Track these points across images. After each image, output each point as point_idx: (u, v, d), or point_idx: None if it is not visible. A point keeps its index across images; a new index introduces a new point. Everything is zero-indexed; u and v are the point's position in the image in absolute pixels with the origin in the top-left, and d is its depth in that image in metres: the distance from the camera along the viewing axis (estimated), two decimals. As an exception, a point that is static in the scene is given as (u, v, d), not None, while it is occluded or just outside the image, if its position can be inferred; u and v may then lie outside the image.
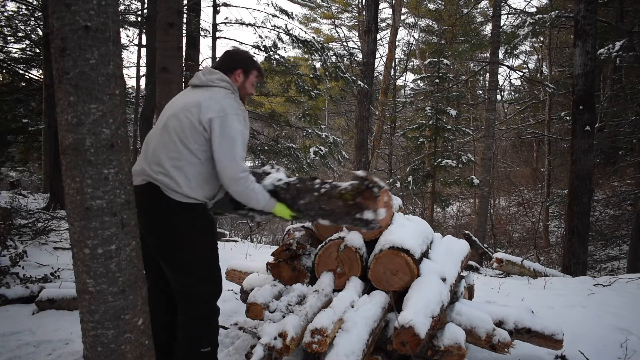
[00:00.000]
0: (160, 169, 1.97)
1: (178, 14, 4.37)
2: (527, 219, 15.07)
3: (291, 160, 9.53)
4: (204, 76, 2.11)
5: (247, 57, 2.25)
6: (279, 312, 2.38)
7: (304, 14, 22.36)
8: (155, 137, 2.07)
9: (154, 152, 2.02)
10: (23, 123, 12.52)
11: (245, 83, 2.19)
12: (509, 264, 5.75)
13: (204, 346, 2.10)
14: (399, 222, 2.71)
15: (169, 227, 1.98)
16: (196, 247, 2.06)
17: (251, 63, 2.22)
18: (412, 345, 1.94)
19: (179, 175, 1.96)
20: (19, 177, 15.76)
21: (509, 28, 12.68)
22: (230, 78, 2.13)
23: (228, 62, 2.19)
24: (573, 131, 6.92)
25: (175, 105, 2.09)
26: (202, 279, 2.10)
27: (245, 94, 2.22)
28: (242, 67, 2.18)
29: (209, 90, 2.06)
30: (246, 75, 2.19)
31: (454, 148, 14.04)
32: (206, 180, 2.01)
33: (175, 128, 1.98)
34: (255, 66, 2.23)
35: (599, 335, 2.91)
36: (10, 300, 3.45)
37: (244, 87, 2.20)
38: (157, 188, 1.95)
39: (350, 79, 8.99)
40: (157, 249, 2.04)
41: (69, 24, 1.39)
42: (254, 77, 2.23)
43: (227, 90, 2.08)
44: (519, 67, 20.54)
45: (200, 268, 2.09)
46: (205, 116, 1.95)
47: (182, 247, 2.04)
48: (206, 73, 2.12)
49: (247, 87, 2.21)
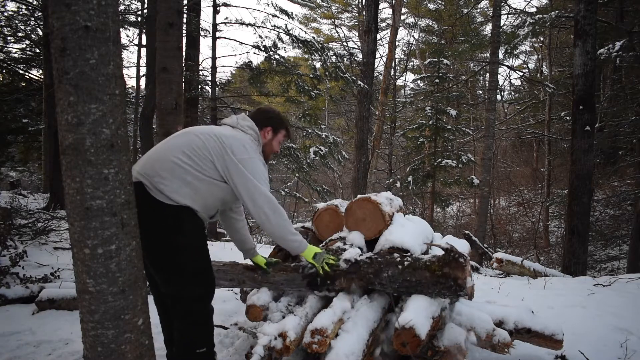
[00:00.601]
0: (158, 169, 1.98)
1: (178, 14, 4.37)
2: (527, 219, 15.06)
3: (291, 160, 9.53)
4: (238, 120, 2.26)
5: (279, 118, 2.39)
6: (278, 312, 2.38)
7: (304, 14, 22.39)
8: (161, 145, 2.12)
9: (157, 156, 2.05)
10: (23, 123, 12.52)
11: (272, 141, 2.34)
12: (509, 264, 5.74)
13: (199, 347, 2.11)
14: (399, 222, 2.71)
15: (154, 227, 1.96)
16: (182, 249, 2.04)
17: (281, 124, 2.37)
18: (412, 346, 1.94)
19: (172, 178, 1.98)
20: (19, 177, 15.76)
21: (509, 28, 12.67)
22: (260, 132, 2.28)
23: (261, 118, 2.33)
24: (573, 131, 6.92)
25: (200, 129, 2.17)
26: (189, 281, 2.08)
27: (271, 150, 2.36)
28: (272, 126, 2.33)
29: (236, 131, 2.19)
30: (275, 133, 2.34)
31: (454, 148, 14.03)
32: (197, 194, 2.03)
33: (189, 141, 2.06)
34: (285, 127, 2.39)
35: (599, 335, 2.91)
36: (10, 300, 3.46)
37: (271, 145, 2.34)
38: (142, 185, 1.95)
39: (350, 79, 8.99)
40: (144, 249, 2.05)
41: (69, 24, 1.39)
42: (281, 136, 2.38)
43: (252, 138, 2.22)
44: (519, 67, 20.56)
45: (187, 271, 2.07)
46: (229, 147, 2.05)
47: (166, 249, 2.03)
48: (240, 119, 2.27)
49: (273, 145, 2.35)
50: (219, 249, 5.97)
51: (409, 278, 2.19)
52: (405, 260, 2.23)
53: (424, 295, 2.19)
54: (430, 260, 2.20)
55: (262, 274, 2.51)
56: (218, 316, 3.24)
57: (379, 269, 2.25)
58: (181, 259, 2.03)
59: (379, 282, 2.25)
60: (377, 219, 2.65)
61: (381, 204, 2.67)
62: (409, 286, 2.20)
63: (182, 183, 1.98)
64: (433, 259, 2.20)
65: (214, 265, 2.51)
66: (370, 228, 2.67)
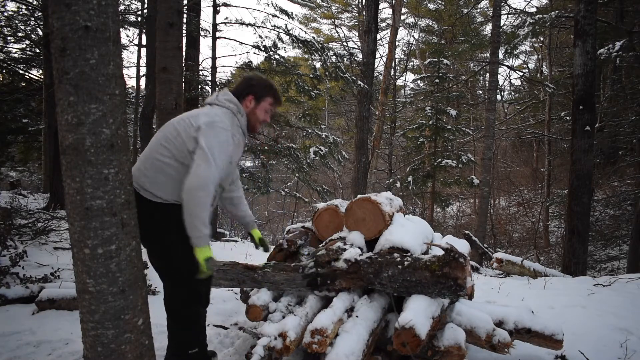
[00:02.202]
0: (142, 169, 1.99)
1: (178, 14, 4.37)
2: (527, 219, 15.06)
3: (291, 160, 9.52)
4: (217, 96, 2.15)
5: (262, 84, 2.23)
6: (278, 312, 2.38)
7: (304, 14, 22.37)
8: (149, 144, 2.11)
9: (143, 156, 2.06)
10: (23, 123, 12.51)
11: (256, 109, 2.18)
12: (509, 264, 5.74)
13: (191, 347, 2.13)
14: (399, 222, 2.71)
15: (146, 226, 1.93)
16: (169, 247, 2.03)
17: (265, 90, 2.20)
18: (412, 346, 1.94)
19: (155, 175, 1.97)
20: (19, 177, 15.75)
21: (509, 28, 12.68)
22: (242, 103, 2.15)
23: (242, 87, 2.20)
24: (573, 131, 6.92)
25: (178, 116, 2.12)
26: (176, 282, 2.09)
27: (257, 120, 2.19)
28: (254, 93, 2.17)
29: (212, 108, 2.09)
30: (258, 101, 2.17)
31: (454, 148, 14.02)
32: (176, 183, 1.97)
33: (166, 132, 2.02)
34: (270, 93, 2.21)
35: (599, 335, 2.91)
36: (10, 300, 3.45)
37: (255, 114, 2.18)
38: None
39: (350, 79, 8.99)
40: None
41: (69, 24, 1.39)
42: (267, 104, 2.20)
43: (228, 110, 2.10)
44: (519, 67, 20.55)
45: (173, 271, 2.08)
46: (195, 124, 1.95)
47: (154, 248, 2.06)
48: (220, 94, 2.16)
49: (258, 114, 2.18)
50: (219, 249, 5.97)
51: (409, 278, 2.20)
52: (405, 260, 2.24)
53: (424, 295, 2.19)
54: (430, 260, 2.20)
55: (262, 274, 2.51)
56: (218, 316, 3.26)
57: (379, 269, 2.26)
58: (169, 257, 2.04)
59: (379, 282, 2.26)
60: (377, 219, 2.65)
61: (381, 204, 2.67)
62: (409, 286, 2.20)
63: (167, 177, 1.96)
64: (433, 259, 2.20)
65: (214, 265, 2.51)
66: (370, 228, 2.67)
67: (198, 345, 2.15)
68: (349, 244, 2.55)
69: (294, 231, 3.11)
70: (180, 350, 2.13)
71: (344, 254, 2.37)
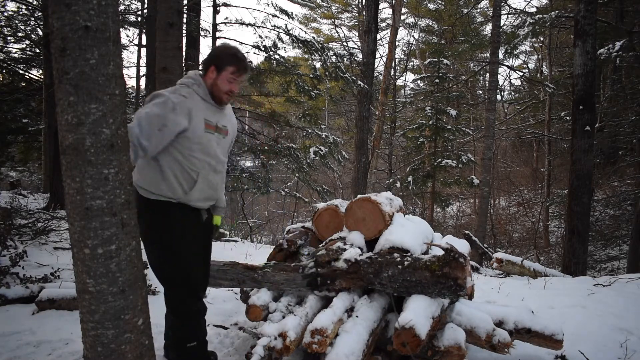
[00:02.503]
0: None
1: (178, 14, 4.37)
2: (527, 219, 15.06)
3: (291, 160, 9.52)
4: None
5: (224, 53, 2.13)
6: (278, 312, 2.38)
7: (304, 14, 22.38)
8: None
9: None
10: (23, 123, 12.50)
11: (217, 80, 2.09)
12: (509, 264, 5.74)
13: (189, 341, 2.15)
14: (399, 222, 2.71)
15: None
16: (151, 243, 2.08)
17: (226, 59, 2.09)
18: (412, 346, 1.94)
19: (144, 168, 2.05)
20: (19, 177, 15.74)
21: (509, 28, 12.69)
22: (206, 75, 2.11)
23: (206, 58, 2.16)
24: (573, 131, 6.92)
25: None
26: (169, 280, 2.11)
27: (220, 90, 2.10)
28: (215, 64, 2.10)
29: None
30: (219, 71, 2.09)
31: (454, 148, 14.02)
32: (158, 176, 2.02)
33: None
34: (232, 62, 2.09)
35: (599, 335, 2.91)
36: (10, 300, 3.45)
37: (216, 84, 2.09)
38: None
39: (350, 79, 8.98)
40: None
41: (69, 24, 1.39)
42: (228, 73, 2.08)
43: (180, 85, 2.08)
44: (519, 67, 20.55)
45: (167, 269, 2.09)
46: None
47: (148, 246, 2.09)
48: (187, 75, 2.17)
49: (220, 84, 2.09)
50: (219, 249, 5.97)
51: (409, 278, 2.20)
52: (405, 260, 2.24)
53: (424, 295, 2.19)
54: (430, 260, 2.20)
55: (262, 274, 2.51)
56: (218, 316, 3.25)
57: (379, 269, 2.26)
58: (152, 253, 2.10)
59: (379, 282, 2.26)
60: (377, 219, 2.65)
61: (381, 204, 2.67)
62: (409, 286, 2.21)
63: (150, 169, 2.02)
64: (433, 259, 2.20)
65: (214, 265, 2.51)
66: (370, 228, 2.67)
67: (196, 339, 2.18)
68: (349, 244, 2.55)
69: (294, 231, 3.11)
70: (180, 343, 2.16)
71: (344, 254, 2.37)
